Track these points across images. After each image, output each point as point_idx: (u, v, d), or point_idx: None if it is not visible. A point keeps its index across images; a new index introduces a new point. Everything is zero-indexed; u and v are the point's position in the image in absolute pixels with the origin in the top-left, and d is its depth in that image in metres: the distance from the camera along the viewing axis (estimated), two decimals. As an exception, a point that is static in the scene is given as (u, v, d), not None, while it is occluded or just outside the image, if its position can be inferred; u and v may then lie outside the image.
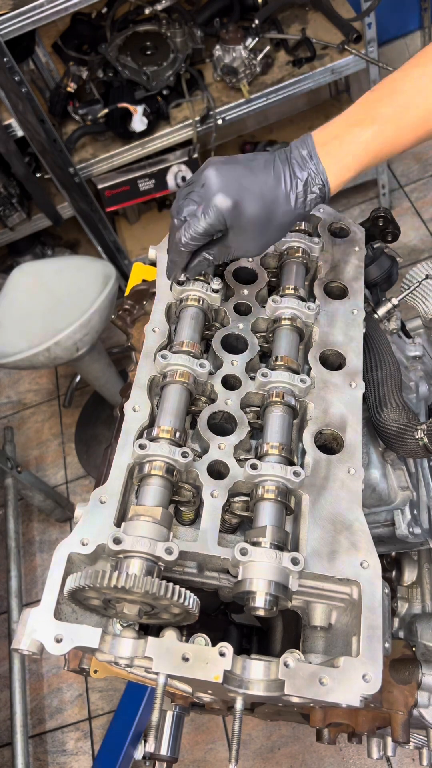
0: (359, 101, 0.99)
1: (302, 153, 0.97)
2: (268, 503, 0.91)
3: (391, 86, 0.97)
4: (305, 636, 0.96)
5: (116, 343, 3.38)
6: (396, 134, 0.97)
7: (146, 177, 2.96)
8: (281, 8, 2.85)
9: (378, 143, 0.97)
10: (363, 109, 0.98)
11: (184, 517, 0.99)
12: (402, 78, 0.97)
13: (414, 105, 0.95)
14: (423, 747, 1.33)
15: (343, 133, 0.97)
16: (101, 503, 0.91)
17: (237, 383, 1.05)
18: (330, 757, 2.23)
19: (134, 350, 1.26)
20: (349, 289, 1.16)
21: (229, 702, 1.12)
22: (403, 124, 0.96)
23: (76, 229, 3.37)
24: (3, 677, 2.65)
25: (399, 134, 0.97)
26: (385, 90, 0.97)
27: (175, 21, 2.77)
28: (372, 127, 0.96)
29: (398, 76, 0.98)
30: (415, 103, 0.95)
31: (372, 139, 0.96)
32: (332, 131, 0.98)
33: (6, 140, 2.62)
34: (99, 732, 2.47)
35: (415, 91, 0.95)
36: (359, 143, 0.96)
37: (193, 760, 2.32)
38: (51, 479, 3.13)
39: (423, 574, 1.28)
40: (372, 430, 1.11)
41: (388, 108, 0.96)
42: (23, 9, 2.27)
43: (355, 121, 0.97)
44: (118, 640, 0.84)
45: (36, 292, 2.60)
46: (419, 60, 0.97)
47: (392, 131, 0.96)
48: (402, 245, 3.22)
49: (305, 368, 1.10)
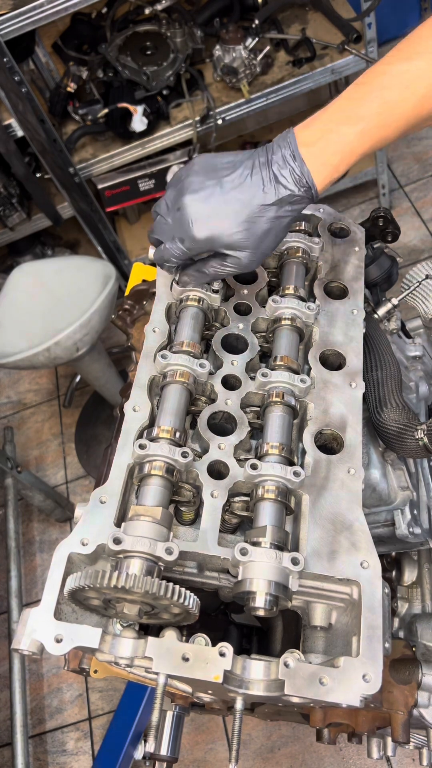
0: (343, 96, 0.96)
1: (284, 154, 0.94)
2: (268, 503, 0.91)
3: (376, 81, 0.94)
4: (305, 636, 0.96)
5: (116, 343, 3.38)
6: (381, 131, 0.95)
7: (146, 177, 2.96)
8: (281, 8, 2.85)
9: (363, 141, 0.94)
10: (347, 106, 0.95)
11: (184, 517, 0.99)
12: (386, 72, 0.94)
13: (400, 100, 0.93)
14: (423, 747, 1.33)
15: (328, 132, 0.94)
16: (101, 503, 0.91)
17: (237, 383, 1.05)
18: (330, 757, 2.23)
19: (134, 350, 1.26)
20: (349, 289, 1.16)
21: (229, 702, 1.12)
22: (388, 120, 0.94)
23: (76, 229, 3.37)
24: (3, 677, 2.65)
25: (384, 131, 0.95)
26: (369, 85, 0.95)
27: (175, 21, 2.77)
28: (357, 125, 0.93)
29: (381, 69, 0.95)
30: (401, 98, 0.93)
31: (357, 137, 0.94)
32: (316, 130, 0.95)
33: (6, 140, 2.62)
34: (99, 732, 2.47)
35: (400, 86, 0.93)
36: (345, 143, 0.94)
37: (193, 760, 2.32)
38: (51, 479, 3.13)
39: (423, 574, 1.28)
40: (372, 430, 1.11)
41: (372, 105, 0.93)
42: (23, 9, 2.27)
43: (339, 119, 0.94)
44: (118, 640, 0.84)
45: (36, 292, 2.60)
46: (402, 53, 0.94)
47: (377, 129, 0.94)
48: (402, 245, 3.22)
49: (305, 368, 1.10)
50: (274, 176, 0.94)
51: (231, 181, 0.95)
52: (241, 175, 0.95)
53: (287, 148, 0.94)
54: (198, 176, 0.97)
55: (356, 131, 0.93)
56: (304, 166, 0.93)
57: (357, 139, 0.94)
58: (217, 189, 0.95)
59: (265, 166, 0.94)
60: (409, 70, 0.92)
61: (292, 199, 0.94)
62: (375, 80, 0.94)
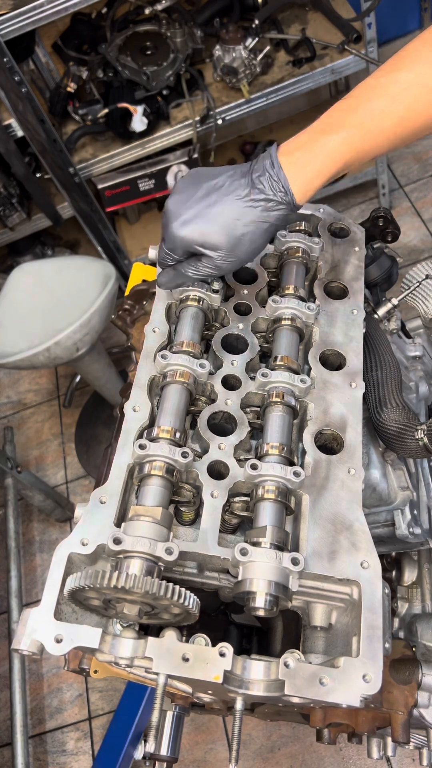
0: (332, 108, 0.98)
1: (264, 163, 0.97)
2: (268, 503, 0.91)
3: (364, 94, 0.96)
4: (305, 636, 0.96)
5: (116, 343, 3.38)
6: (365, 140, 0.95)
7: (146, 177, 2.96)
8: (281, 8, 2.85)
9: (346, 149, 0.95)
10: (333, 117, 0.97)
11: (184, 517, 0.98)
12: (375, 85, 0.95)
13: (386, 111, 0.94)
14: (423, 747, 1.33)
15: (310, 141, 0.96)
16: (101, 503, 0.91)
17: (237, 383, 1.05)
18: (330, 757, 2.23)
19: (134, 350, 1.26)
20: (349, 289, 1.16)
21: (229, 702, 1.12)
22: (373, 130, 0.95)
23: (76, 229, 3.37)
24: (3, 677, 2.65)
25: (369, 140, 0.95)
26: (357, 98, 0.96)
27: (175, 21, 2.77)
28: (339, 134, 0.95)
29: (371, 83, 0.96)
30: (388, 109, 0.93)
31: (339, 145, 0.95)
32: (299, 141, 0.97)
33: (6, 140, 2.62)
34: (99, 732, 2.47)
35: (387, 97, 0.93)
36: (327, 150, 0.95)
37: (193, 760, 2.32)
38: (51, 479, 3.13)
39: (423, 574, 1.28)
40: (372, 430, 1.11)
41: (356, 115, 0.94)
42: (23, 9, 2.27)
43: (322, 129, 0.96)
44: (118, 641, 0.84)
45: (36, 292, 2.60)
46: (391, 67, 0.96)
47: (361, 137, 0.95)
48: (402, 245, 3.22)
49: (305, 368, 1.10)
50: (251, 182, 0.97)
51: (212, 186, 0.99)
52: (221, 181, 0.99)
53: (268, 157, 0.97)
54: (184, 182, 1.02)
55: (338, 139, 0.95)
56: (281, 172, 0.95)
57: (339, 146, 0.95)
58: (197, 192, 0.99)
59: (246, 175, 0.98)
60: (396, 81, 0.93)
61: (267, 204, 0.97)
62: (363, 93, 0.96)
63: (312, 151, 0.95)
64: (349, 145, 0.95)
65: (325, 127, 0.97)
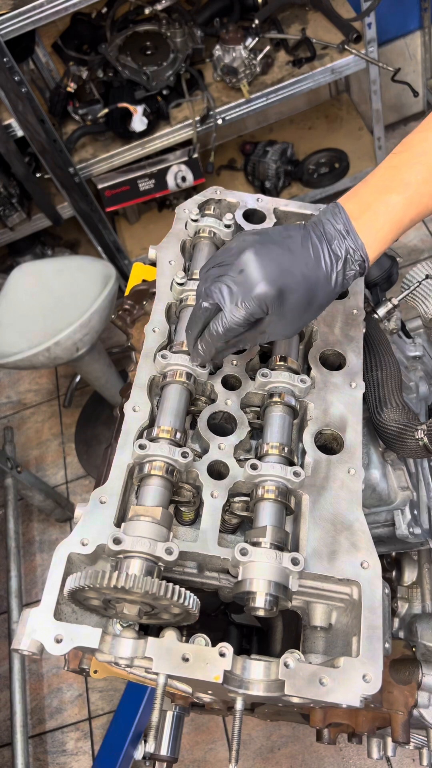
0: (383, 166, 0.95)
1: (337, 227, 0.91)
2: (268, 503, 0.91)
3: (417, 148, 0.93)
4: (305, 636, 0.96)
5: (116, 343, 3.38)
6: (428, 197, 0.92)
7: (146, 177, 2.96)
8: (281, 8, 2.85)
9: (411, 209, 0.92)
10: (391, 175, 0.93)
11: (184, 517, 0.98)
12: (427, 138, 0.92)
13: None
14: (423, 747, 1.33)
15: (375, 202, 0.92)
16: (101, 503, 0.91)
17: (237, 383, 1.05)
18: (330, 757, 2.23)
19: (134, 350, 1.26)
20: (349, 289, 1.16)
21: (229, 702, 1.11)
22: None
23: (76, 229, 3.37)
24: (3, 677, 2.65)
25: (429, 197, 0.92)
26: (409, 152, 0.93)
27: (175, 21, 2.77)
28: (405, 193, 0.91)
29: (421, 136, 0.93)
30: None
31: (405, 206, 0.91)
32: (363, 201, 0.92)
33: (6, 140, 2.62)
34: (99, 732, 2.47)
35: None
36: (394, 212, 0.91)
37: (193, 760, 2.32)
38: (51, 479, 3.13)
39: (423, 574, 1.28)
40: (372, 430, 1.11)
41: (417, 172, 0.91)
42: (23, 9, 2.27)
43: (385, 187, 0.92)
44: (118, 641, 0.84)
45: (36, 292, 2.60)
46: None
47: (425, 196, 0.92)
48: (402, 245, 3.21)
49: (305, 368, 1.10)
50: (332, 251, 0.91)
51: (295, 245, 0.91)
52: (303, 241, 0.91)
53: (339, 221, 0.91)
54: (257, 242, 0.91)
55: (403, 199, 0.91)
56: (359, 240, 0.91)
57: (404, 207, 0.91)
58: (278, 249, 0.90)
59: (323, 239, 0.91)
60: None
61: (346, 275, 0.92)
62: (416, 147, 0.92)
63: (380, 214, 0.91)
64: (414, 206, 0.92)
65: (387, 185, 0.92)
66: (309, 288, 0.90)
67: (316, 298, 0.91)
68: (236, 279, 0.89)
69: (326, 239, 0.91)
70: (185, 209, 1.22)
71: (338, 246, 0.91)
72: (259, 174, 3.33)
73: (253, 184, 3.39)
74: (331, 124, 3.51)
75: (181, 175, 2.96)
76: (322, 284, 0.91)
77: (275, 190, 3.33)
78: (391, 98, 3.40)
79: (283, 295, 0.88)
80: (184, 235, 1.20)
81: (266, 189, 3.31)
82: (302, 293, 0.90)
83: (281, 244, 0.90)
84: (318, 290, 0.91)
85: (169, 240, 1.19)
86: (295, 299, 0.89)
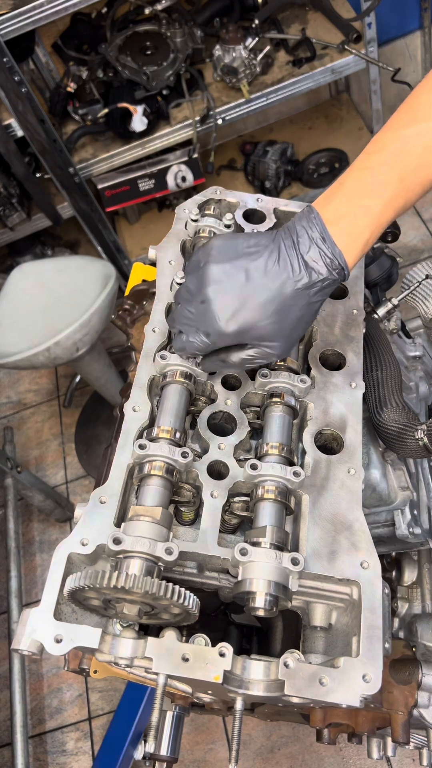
0: (356, 167, 0.91)
1: (312, 235, 0.87)
2: (268, 503, 0.91)
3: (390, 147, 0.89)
4: (305, 636, 0.96)
5: (116, 343, 3.38)
6: (405, 197, 0.90)
7: (146, 177, 2.96)
8: (281, 8, 2.85)
9: (389, 210, 0.89)
10: (366, 177, 0.90)
11: (184, 517, 0.98)
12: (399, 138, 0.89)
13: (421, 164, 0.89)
14: (423, 747, 1.33)
15: (353, 207, 0.88)
16: (101, 503, 0.91)
17: (237, 383, 1.05)
18: (330, 757, 2.23)
19: (134, 350, 1.26)
20: (349, 289, 1.16)
21: (229, 702, 1.11)
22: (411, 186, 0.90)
23: (76, 229, 3.37)
24: (3, 677, 2.65)
25: (407, 196, 0.90)
26: (383, 153, 0.89)
27: (175, 21, 2.77)
28: (383, 195, 0.88)
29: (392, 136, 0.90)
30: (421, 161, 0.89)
31: (384, 208, 0.88)
32: (340, 206, 0.89)
33: (6, 140, 2.62)
34: (99, 732, 2.47)
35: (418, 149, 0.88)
36: (373, 215, 0.88)
37: (193, 760, 2.32)
38: (51, 479, 3.13)
39: (423, 574, 1.28)
40: (372, 430, 1.11)
41: (393, 172, 0.88)
42: (23, 9, 2.27)
43: (362, 191, 0.89)
44: (118, 641, 0.84)
45: (36, 292, 2.60)
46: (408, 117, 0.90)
47: (401, 196, 0.90)
48: (402, 245, 3.21)
49: (305, 368, 1.10)
50: (304, 262, 0.87)
51: (257, 268, 0.88)
52: (267, 262, 0.88)
53: (314, 228, 0.88)
54: (219, 264, 0.90)
55: (381, 201, 0.88)
56: (335, 247, 0.87)
57: (383, 210, 0.88)
58: (242, 277, 0.88)
59: (292, 250, 0.88)
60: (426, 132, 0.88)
61: (324, 284, 0.89)
62: (388, 147, 0.89)
63: (358, 218, 0.88)
64: (392, 206, 0.89)
65: (364, 189, 0.89)
66: (277, 310, 0.88)
67: (289, 315, 0.89)
68: (199, 309, 0.91)
69: (297, 249, 0.88)
70: (185, 209, 1.22)
71: (313, 255, 0.87)
72: (259, 174, 3.33)
73: (253, 184, 3.39)
74: (331, 124, 3.51)
75: (181, 175, 2.96)
76: (293, 299, 0.88)
77: (275, 190, 3.33)
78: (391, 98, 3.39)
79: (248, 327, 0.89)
80: (184, 235, 1.20)
81: (266, 189, 3.32)
82: (270, 320, 0.88)
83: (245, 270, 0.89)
84: (290, 307, 0.88)
85: (169, 240, 1.19)
86: (264, 326, 0.89)
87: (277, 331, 0.90)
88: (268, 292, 0.88)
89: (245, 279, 0.88)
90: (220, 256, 0.91)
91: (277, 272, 0.88)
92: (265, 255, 0.89)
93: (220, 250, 0.92)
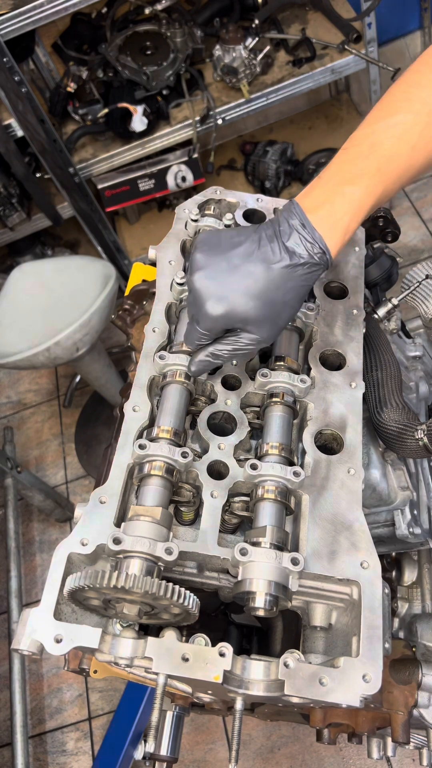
0: (335, 162, 0.94)
1: (292, 223, 0.90)
2: (268, 503, 0.91)
3: (366, 141, 0.93)
4: (305, 636, 0.96)
5: (116, 343, 3.38)
6: (383, 186, 0.93)
7: (146, 177, 2.96)
8: (281, 8, 2.85)
9: (368, 198, 0.92)
10: (344, 169, 0.93)
11: (184, 517, 0.98)
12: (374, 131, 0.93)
13: (395, 153, 0.92)
14: (423, 747, 1.33)
15: (332, 194, 0.91)
16: (101, 503, 0.91)
17: (237, 383, 1.05)
18: (330, 757, 2.23)
19: (134, 350, 1.26)
20: (349, 289, 1.16)
21: (229, 702, 1.11)
22: (387, 174, 0.92)
23: (76, 229, 3.37)
24: (3, 677, 2.65)
25: (385, 185, 0.93)
26: (359, 146, 0.93)
27: (175, 21, 2.77)
28: (361, 183, 0.91)
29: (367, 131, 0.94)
30: (396, 151, 0.92)
31: (364, 196, 0.91)
32: (319, 195, 0.92)
33: (6, 140, 2.62)
34: (99, 732, 2.47)
35: (392, 139, 0.92)
36: (352, 201, 0.91)
37: (193, 760, 2.32)
38: (51, 479, 3.13)
39: (423, 574, 1.28)
40: (372, 430, 1.11)
41: (370, 162, 0.91)
42: (23, 9, 2.27)
43: (340, 180, 0.92)
44: (118, 641, 0.84)
45: (36, 292, 2.60)
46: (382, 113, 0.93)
47: (379, 184, 0.92)
48: (402, 245, 3.22)
49: (305, 368, 1.10)
50: (284, 246, 0.90)
51: (239, 255, 0.92)
52: (248, 248, 0.92)
53: (294, 217, 0.91)
54: (202, 252, 0.94)
55: (360, 189, 0.91)
56: (315, 232, 0.90)
57: (362, 197, 0.91)
58: (223, 263, 0.92)
59: (273, 237, 0.91)
60: (397, 124, 0.92)
61: (305, 268, 0.91)
62: (364, 141, 0.93)
63: (337, 205, 0.91)
64: (371, 194, 0.92)
65: (343, 177, 0.92)
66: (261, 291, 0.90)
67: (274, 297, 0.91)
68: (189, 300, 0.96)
69: (279, 237, 0.91)
70: (185, 209, 1.22)
71: (294, 240, 0.90)
72: (259, 174, 3.33)
73: (253, 184, 3.39)
74: (331, 124, 3.51)
75: (181, 175, 2.96)
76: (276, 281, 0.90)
77: (275, 190, 3.33)
78: (391, 98, 3.39)
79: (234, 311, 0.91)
80: (184, 235, 1.20)
81: (266, 189, 3.32)
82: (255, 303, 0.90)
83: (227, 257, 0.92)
84: (275, 290, 0.91)
85: (169, 240, 1.19)
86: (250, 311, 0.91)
87: (263, 315, 0.92)
88: (250, 275, 0.91)
89: (227, 265, 0.92)
90: (204, 246, 0.95)
91: (258, 257, 0.91)
92: (246, 243, 0.92)
93: (205, 242, 0.96)
